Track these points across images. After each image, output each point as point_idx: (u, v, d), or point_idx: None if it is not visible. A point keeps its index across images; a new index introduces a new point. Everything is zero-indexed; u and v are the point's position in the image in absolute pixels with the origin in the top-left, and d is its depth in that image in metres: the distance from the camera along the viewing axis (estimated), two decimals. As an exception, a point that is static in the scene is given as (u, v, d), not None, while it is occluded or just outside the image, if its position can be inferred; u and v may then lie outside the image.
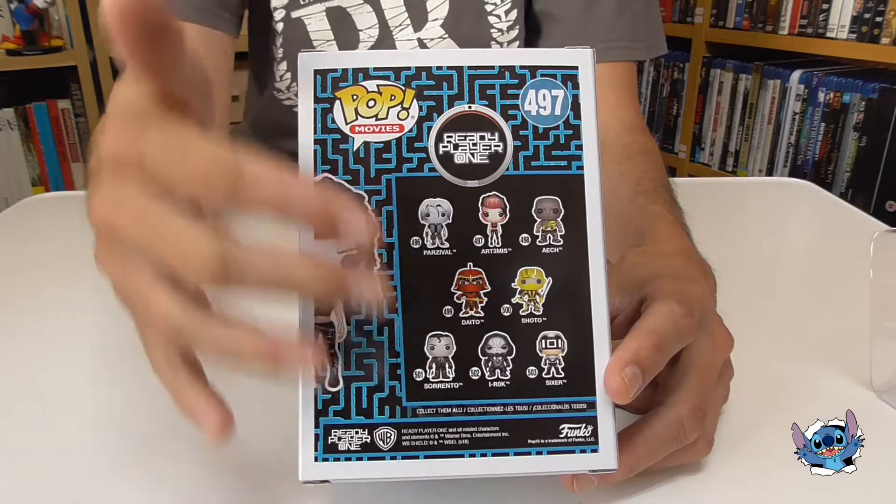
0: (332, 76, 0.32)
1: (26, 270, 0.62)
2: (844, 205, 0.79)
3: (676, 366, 0.35)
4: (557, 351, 0.31)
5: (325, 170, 0.31)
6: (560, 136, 0.32)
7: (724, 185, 0.92)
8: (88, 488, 0.36)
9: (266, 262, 0.26)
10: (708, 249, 0.45)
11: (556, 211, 0.31)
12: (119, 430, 0.41)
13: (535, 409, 0.31)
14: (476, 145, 0.32)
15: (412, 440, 0.30)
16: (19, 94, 1.98)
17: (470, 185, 0.31)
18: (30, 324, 0.53)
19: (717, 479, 0.36)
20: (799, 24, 1.77)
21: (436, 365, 0.31)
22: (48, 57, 1.91)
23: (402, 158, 0.31)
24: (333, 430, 0.30)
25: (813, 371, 0.46)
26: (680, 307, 0.34)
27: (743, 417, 0.40)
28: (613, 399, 0.31)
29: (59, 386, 0.45)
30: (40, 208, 0.79)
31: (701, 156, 2.10)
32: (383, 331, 0.30)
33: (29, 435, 0.40)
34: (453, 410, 0.30)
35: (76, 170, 2.09)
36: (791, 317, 0.54)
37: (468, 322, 0.31)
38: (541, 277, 0.31)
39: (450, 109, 0.32)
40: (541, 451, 0.30)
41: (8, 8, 1.91)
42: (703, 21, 1.99)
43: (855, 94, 1.67)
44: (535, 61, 0.32)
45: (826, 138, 1.74)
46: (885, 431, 0.40)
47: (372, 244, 0.30)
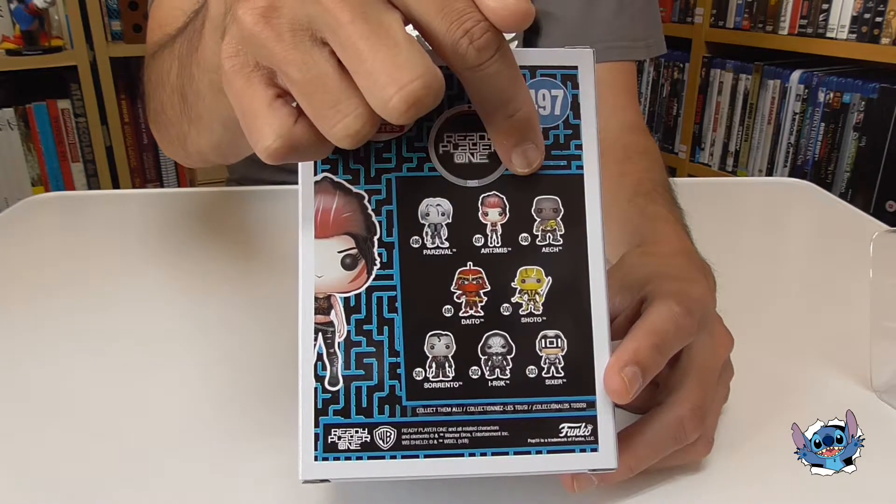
0: (332, 76, 0.32)
1: (26, 270, 0.62)
2: (844, 205, 0.79)
3: (677, 366, 0.35)
4: (557, 350, 0.31)
5: (325, 169, 0.31)
6: (560, 136, 0.32)
7: (724, 185, 0.92)
8: (88, 488, 0.36)
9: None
10: (708, 249, 0.45)
11: (556, 210, 0.31)
12: (119, 430, 0.41)
13: (534, 409, 0.31)
14: (476, 145, 0.31)
15: (412, 439, 0.30)
16: (19, 94, 1.98)
17: (470, 184, 0.31)
18: (30, 324, 0.53)
19: (717, 479, 0.36)
20: (799, 24, 1.77)
21: (436, 364, 0.31)
22: (48, 57, 1.91)
23: (402, 158, 0.31)
24: (333, 430, 0.30)
25: (813, 371, 0.46)
26: (680, 307, 0.34)
27: (743, 417, 0.40)
28: (613, 399, 0.31)
29: (59, 386, 0.45)
30: (40, 208, 0.79)
31: (701, 156, 2.10)
32: (383, 330, 0.30)
33: (29, 435, 0.40)
34: (453, 410, 0.30)
35: (76, 170, 2.09)
36: (791, 317, 0.54)
37: (468, 321, 0.31)
38: (540, 277, 0.31)
39: (449, 109, 0.32)
40: (540, 451, 0.30)
41: (8, 8, 1.91)
42: (703, 21, 1.99)
43: (855, 94, 1.67)
44: (534, 61, 0.32)
45: (826, 138, 1.74)
46: (885, 431, 0.40)
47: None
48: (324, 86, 0.25)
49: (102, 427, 0.41)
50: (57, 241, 0.71)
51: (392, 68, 0.24)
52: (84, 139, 2.08)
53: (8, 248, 0.68)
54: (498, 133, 0.30)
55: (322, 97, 0.25)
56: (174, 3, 0.61)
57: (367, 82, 0.25)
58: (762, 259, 0.65)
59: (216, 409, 0.42)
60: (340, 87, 0.25)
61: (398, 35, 0.25)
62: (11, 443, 0.40)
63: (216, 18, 0.33)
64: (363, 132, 0.26)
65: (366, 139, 0.26)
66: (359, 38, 0.24)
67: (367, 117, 0.25)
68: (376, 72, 0.24)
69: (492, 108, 0.29)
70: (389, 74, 0.24)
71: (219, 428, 0.40)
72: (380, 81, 0.24)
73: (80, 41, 1.92)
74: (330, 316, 0.30)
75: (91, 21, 1.92)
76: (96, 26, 1.93)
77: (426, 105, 0.25)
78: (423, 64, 0.25)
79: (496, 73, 0.27)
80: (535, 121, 0.30)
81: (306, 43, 0.25)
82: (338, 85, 0.25)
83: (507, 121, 0.29)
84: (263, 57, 0.26)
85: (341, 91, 0.25)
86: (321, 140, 0.27)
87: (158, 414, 0.42)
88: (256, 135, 0.26)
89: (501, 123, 0.29)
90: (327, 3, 0.25)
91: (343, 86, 0.25)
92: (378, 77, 0.24)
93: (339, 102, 0.25)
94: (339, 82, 0.25)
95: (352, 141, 0.26)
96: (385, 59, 0.24)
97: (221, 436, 0.40)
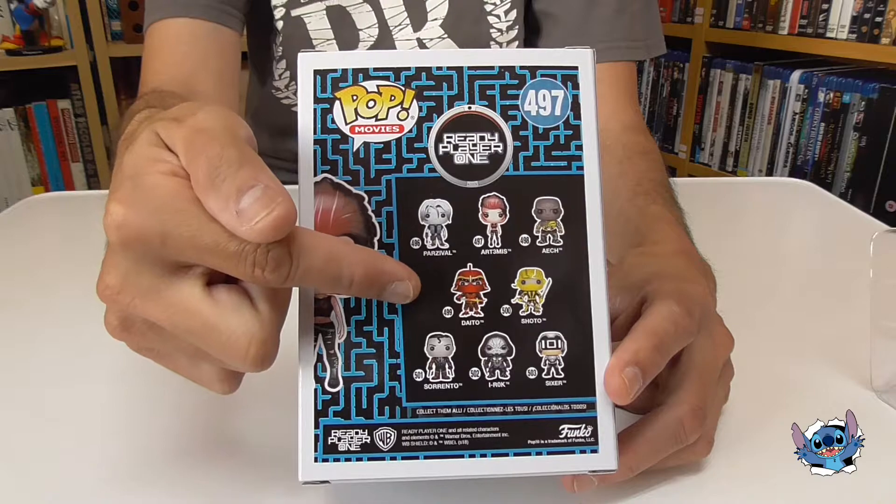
0: (332, 76, 0.32)
1: (26, 270, 0.62)
2: (844, 205, 0.79)
3: (677, 366, 0.35)
4: (557, 351, 0.31)
5: (325, 170, 0.31)
6: (560, 137, 0.32)
7: (724, 185, 0.92)
8: (88, 488, 0.36)
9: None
10: (708, 249, 0.45)
11: (556, 211, 0.31)
12: (119, 429, 0.40)
13: (534, 410, 0.31)
14: (476, 146, 0.31)
15: (412, 441, 0.30)
16: (19, 94, 1.98)
17: (470, 185, 0.31)
18: (30, 324, 0.53)
19: (717, 479, 0.36)
20: (799, 24, 1.77)
21: (436, 365, 0.31)
22: (48, 57, 1.91)
23: (402, 159, 0.31)
24: (333, 431, 0.30)
25: (813, 371, 0.46)
26: (680, 307, 0.34)
27: (743, 417, 0.40)
28: (613, 400, 0.31)
29: (59, 386, 0.45)
30: (40, 208, 0.79)
31: (701, 156, 2.10)
32: (383, 331, 0.30)
33: (29, 435, 0.40)
34: (453, 411, 0.30)
35: (76, 170, 2.09)
36: (791, 316, 0.54)
37: (468, 322, 0.31)
38: (540, 278, 0.31)
39: (450, 110, 0.32)
40: (540, 452, 0.30)
41: (8, 8, 1.91)
42: (703, 21, 1.99)
43: (855, 94, 1.67)
44: (534, 61, 0.32)
45: (826, 138, 1.74)
46: (885, 431, 0.40)
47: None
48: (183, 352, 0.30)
49: (103, 427, 0.41)
50: (57, 241, 0.71)
51: (224, 350, 0.27)
52: (84, 139, 2.08)
53: (8, 248, 0.68)
54: (358, 296, 0.30)
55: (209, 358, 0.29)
56: (166, 42, 0.63)
57: (223, 359, 0.28)
58: (762, 259, 0.65)
59: (216, 410, 0.42)
60: (193, 350, 0.29)
61: (208, 315, 0.27)
62: (11, 443, 0.40)
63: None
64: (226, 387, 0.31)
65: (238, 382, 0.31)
66: (186, 336, 0.28)
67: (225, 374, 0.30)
68: (219, 355, 0.28)
69: (331, 290, 0.29)
70: (228, 354, 0.27)
71: (219, 428, 0.40)
72: (228, 358, 0.27)
73: (80, 41, 1.92)
74: (330, 317, 0.30)
75: (91, 21, 1.92)
76: (96, 26, 1.92)
77: (272, 353, 0.28)
78: (244, 329, 0.27)
79: (306, 272, 0.27)
80: (376, 267, 0.29)
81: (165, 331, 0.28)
82: (192, 350, 0.29)
83: (352, 289, 0.28)
84: (147, 351, 0.31)
85: (194, 352, 0.29)
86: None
87: (158, 413, 0.42)
88: (201, 383, 0.31)
89: (351, 292, 0.29)
90: (142, 315, 0.28)
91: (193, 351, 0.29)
92: (224, 357, 0.28)
93: (195, 364, 0.30)
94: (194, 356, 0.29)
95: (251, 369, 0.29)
96: (216, 344, 0.27)
97: (221, 436, 0.40)
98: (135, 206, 0.26)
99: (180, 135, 0.27)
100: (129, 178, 0.27)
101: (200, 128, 0.27)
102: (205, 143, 0.26)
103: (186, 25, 0.64)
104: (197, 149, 0.26)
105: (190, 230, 0.25)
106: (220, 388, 0.31)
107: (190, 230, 0.25)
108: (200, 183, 0.25)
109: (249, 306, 0.27)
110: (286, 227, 0.25)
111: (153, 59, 0.64)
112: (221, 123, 0.27)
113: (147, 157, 0.27)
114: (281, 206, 0.25)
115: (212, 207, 0.25)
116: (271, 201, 0.25)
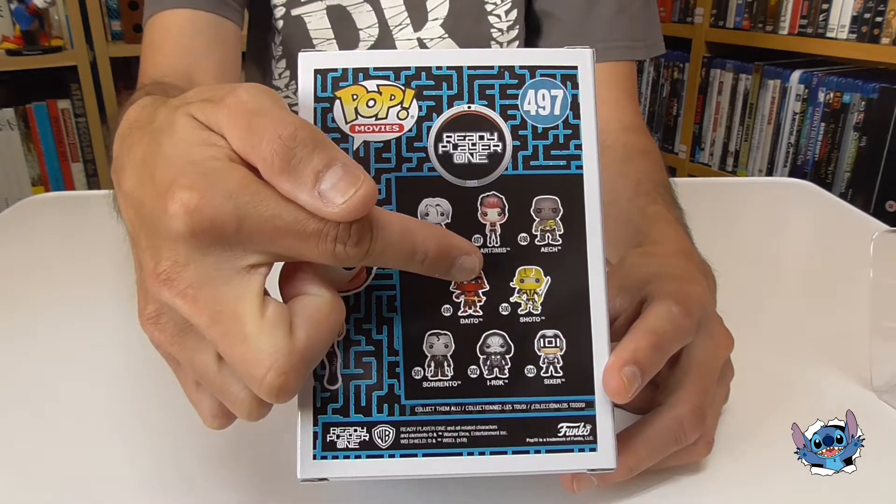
0: (332, 76, 0.32)
1: (26, 270, 0.62)
2: (844, 205, 0.79)
3: (676, 366, 0.35)
4: (556, 350, 0.31)
5: (325, 169, 0.31)
6: (559, 136, 0.32)
7: (724, 185, 0.92)
8: (88, 487, 0.36)
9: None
10: (708, 249, 0.45)
11: (555, 210, 0.31)
12: (119, 429, 0.40)
13: (533, 408, 0.31)
14: (475, 145, 0.31)
15: (411, 438, 0.30)
16: (19, 94, 1.98)
17: (469, 184, 0.31)
18: (30, 324, 0.53)
19: (717, 479, 0.36)
20: (799, 24, 1.77)
21: (434, 363, 0.31)
22: (48, 57, 1.91)
23: (402, 158, 0.31)
24: (332, 428, 0.30)
25: (813, 371, 0.46)
26: (679, 307, 0.34)
27: (743, 417, 0.40)
28: (612, 399, 0.31)
29: (60, 386, 0.45)
30: (40, 208, 0.79)
31: (701, 156, 2.10)
32: (382, 329, 0.30)
33: (30, 435, 0.40)
34: (452, 409, 0.30)
35: (76, 170, 2.09)
36: (791, 316, 0.54)
37: (467, 321, 0.31)
38: (539, 277, 0.31)
39: (449, 109, 0.32)
40: (539, 450, 0.30)
41: (8, 8, 1.91)
42: (703, 21, 1.99)
43: (855, 94, 1.67)
44: (534, 61, 0.32)
45: (826, 138, 1.74)
46: (885, 431, 0.40)
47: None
48: (208, 378, 0.28)
49: (103, 426, 0.41)
50: (57, 241, 0.71)
51: (245, 366, 0.26)
52: (84, 139, 2.08)
53: (8, 248, 0.68)
54: (428, 273, 0.29)
55: (211, 387, 0.28)
56: (168, 33, 0.63)
57: (239, 375, 0.27)
58: (762, 259, 0.65)
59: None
60: (221, 378, 0.28)
61: (248, 325, 0.26)
62: (12, 443, 0.40)
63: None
64: (257, 412, 0.28)
65: (269, 409, 0.28)
66: (217, 340, 0.26)
67: (250, 400, 0.28)
68: (239, 369, 0.26)
69: (404, 266, 0.28)
70: (247, 372, 0.26)
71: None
72: (245, 376, 0.26)
73: (80, 41, 1.92)
74: (329, 315, 0.30)
75: (91, 21, 1.92)
76: (96, 26, 1.92)
77: (291, 388, 0.26)
78: (271, 351, 0.25)
79: (384, 246, 0.26)
80: (447, 242, 0.29)
81: (190, 341, 0.28)
82: (217, 377, 0.28)
83: (425, 265, 0.28)
84: (167, 355, 0.29)
85: (223, 380, 0.28)
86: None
87: (158, 413, 0.42)
88: (198, 411, 0.30)
89: (422, 268, 0.29)
90: (185, 309, 0.26)
91: (222, 376, 0.28)
92: (242, 373, 0.26)
93: (225, 391, 0.28)
94: (218, 375, 0.28)
95: (256, 414, 0.28)
96: (240, 357, 0.26)
97: (220, 434, 0.40)
98: (207, 191, 0.24)
99: (226, 116, 0.26)
100: (188, 163, 0.25)
101: (251, 108, 0.25)
102: (268, 124, 0.25)
103: (188, 16, 0.63)
104: (259, 131, 0.25)
105: (269, 211, 0.25)
106: (210, 421, 0.30)
107: (269, 211, 0.25)
108: (274, 165, 0.24)
109: (286, 331, 0.26)
110: (371, 205, 0.25)
111: (154, 50, 0.64)
112: (271, 101, 0.26)
113: (197, 142, 0.26)
114: (366, 184, 0.25)
115: (287, 190, 0.25)
116: (356, 179, 0.25)
